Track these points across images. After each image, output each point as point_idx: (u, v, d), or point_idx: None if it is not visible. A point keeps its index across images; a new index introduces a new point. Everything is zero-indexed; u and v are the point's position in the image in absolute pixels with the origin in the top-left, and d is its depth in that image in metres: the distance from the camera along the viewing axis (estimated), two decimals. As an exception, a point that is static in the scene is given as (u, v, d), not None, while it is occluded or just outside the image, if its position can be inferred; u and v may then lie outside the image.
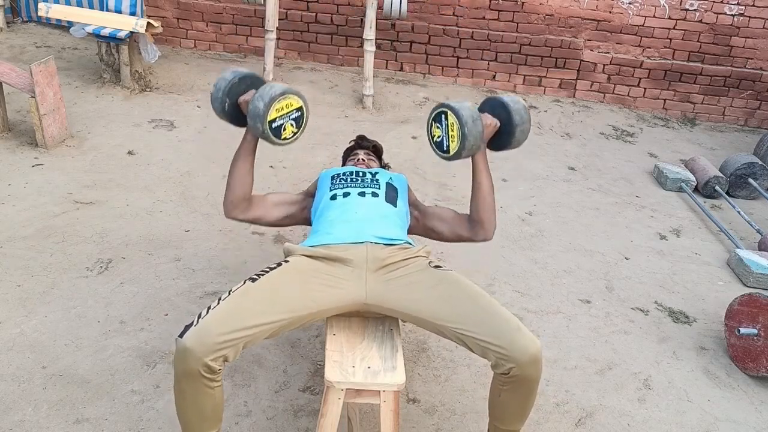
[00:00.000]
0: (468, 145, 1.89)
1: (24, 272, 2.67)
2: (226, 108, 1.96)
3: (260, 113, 1.83)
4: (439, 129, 1.96)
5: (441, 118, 1.94)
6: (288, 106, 1.87)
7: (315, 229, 2.04)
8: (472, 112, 1.90)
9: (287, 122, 1.89)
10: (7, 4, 5.39)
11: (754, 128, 5.47)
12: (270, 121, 1.84)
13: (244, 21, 5.40)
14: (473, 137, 1.89)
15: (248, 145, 2.00)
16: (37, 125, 3.63)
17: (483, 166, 2.03)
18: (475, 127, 1.89)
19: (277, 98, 1.83)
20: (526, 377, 1.65)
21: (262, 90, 1.85)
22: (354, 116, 4.72)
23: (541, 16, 5.27)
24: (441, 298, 1.79)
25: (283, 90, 1.85)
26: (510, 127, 1.98)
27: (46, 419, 2.00)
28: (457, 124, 1.89)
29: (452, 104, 1.91)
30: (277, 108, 1.84)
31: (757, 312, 2.57)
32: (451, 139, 1.93)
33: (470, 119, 1.88)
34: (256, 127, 1.87)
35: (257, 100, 1.83)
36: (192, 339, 1.56)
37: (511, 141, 2.01)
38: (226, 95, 1.94)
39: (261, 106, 1.82)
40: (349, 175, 2.16)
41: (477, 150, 1.97)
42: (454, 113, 1.89)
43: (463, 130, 1.87)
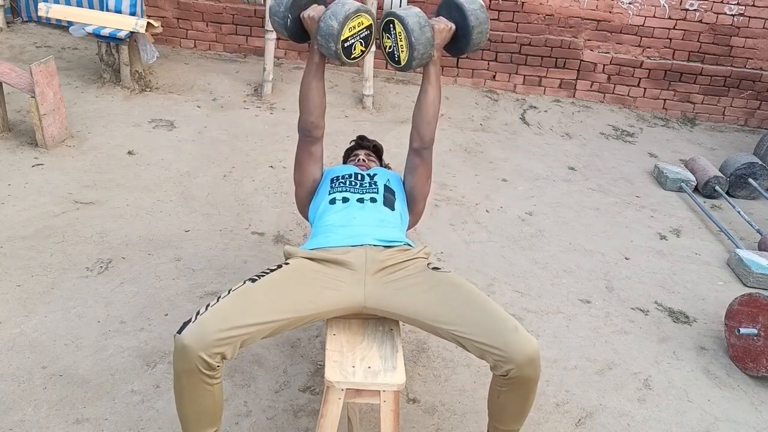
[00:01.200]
0: (417, 54, 1.81)
1: (24, 272, 2.67)
2: (288, 24, 1.89)
3: (334, 32, 1.76)
4: (390, 39, 1.88)
5: (390, 27, 1.86)
6: (359, 25, 1.81)
7: (314, 233, 2.04)
8: (419, 19, 1.81)
9: (357, 41, 1.83)
10: (7, 4, 5.38)
11: (754, 128, 5.47)
12: (343, 40, 1.78)
13: (244, 21, 5.40)
14: (422, 45, 1.81)
15: (318, 66, 1.98)
16: (37, 125, 3.63)
17: (432, 75, 1.98)
18: (423, 34, 1.80)
19: (351, 17, 1.77)
20: (525, 378, 1.65)
21: (334, 7, 1.78)
22: (354, 116, 4.72)
23: (541, 16, 5.27)
24: (439, 301, 1.79)
25: (356, 8, 1.78)
26: (466, 30, 1.90)
27: (46, 419, 2.00)
28: (404, 33, 1.81)
29: (399, 12, 1.82)
30: (350, 27, 1.78)
31: (757, 312, 2.57)
32: (401, 49, 1.85)
33: (417, 27, 1.80)
34: (329, 47, 1.81)
35: (330, 18, 1.77)
36: (190, 335, 1.56)
37: (469, 44, 1.92)
38: (288, 10, 1.86)
39: (335, 24, 1.75)
40: (348, 178, 2.16)
41: (429, 58, 1.89)
42: (400, 22, 1.81)
43: (410, 39, 1.80)
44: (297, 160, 2.20)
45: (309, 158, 2.17)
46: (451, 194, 3.76)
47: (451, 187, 3.84)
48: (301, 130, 2.13)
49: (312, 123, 2.09)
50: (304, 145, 2.16)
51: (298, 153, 2.19)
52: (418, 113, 2.06)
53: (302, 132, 2.13)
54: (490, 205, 3.70)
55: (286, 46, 5.47)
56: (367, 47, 1.87)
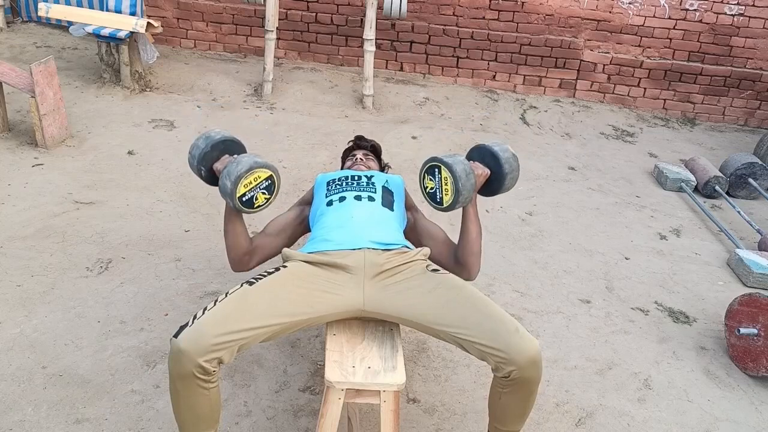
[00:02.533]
0: (462, 199, 1.92)
1: (24, 272, 2.67)
2: (203, 174, 2.01)
3: (228, 191, 1.86)
4: (432, 181, 1.98)
5: (434, 171, 1.97)
6: (256, 179, 1.89)
7: (313, 236, 2.04)
8: (465, 167, 1.92)
9: (258, 193, 1.91)
10: (7, 4, 5.39)
11: (754, 128, 5.47)
12: (239, 197, 1.88)
13: (244, 21, 5.40)
14: (467, 191, 1.92)
15: (231, 211, 2.01)
16: (37, 125, 3.63)
17: (473, 214, 2.05)
18: (468, 181, 1.91)
19: (244, 175, 1.85)
20: (526, 379, 1.65)
21: (229, 166, 1.87)
22: (354, 116, 4.72)
23: (541, 16, 5.27)
24: (438, 303, 1.78)
25: (249, 166, 1.86)
26: (500, 176, 2.01)
27: (46, 419, 2.00)
28: (451, 179, 1.91)
29: (446, 159, 1.92)
30: (245, 184, 1.87)
31: (757, 312, 2.57)
32: (444, 192, 1.95)
33: (464, 174, 1.90)
34: (228, 203, 1.92)
35: (224, 177, 1.87)
36: (186, 340, 1.55)
37: (501, 188, 2.04)
38: (201, 164, 1.98)
39: (228, 185, 1.85)
40: (345, 179, 2.16)
41: (470, 201, 2.00)
42: (448, 169, 1.91)
43: (457, 186, 1.90)
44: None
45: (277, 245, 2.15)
46: (451, 194, 3.76)
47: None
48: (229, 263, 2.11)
49: (233, 260, 2.08)
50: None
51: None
52: (464, 251, 2.06)
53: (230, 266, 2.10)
54: (490, 205, 3.70)
55: (286, 46, 5.47)
56: (272, 194, 1.96)
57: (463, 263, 2.08)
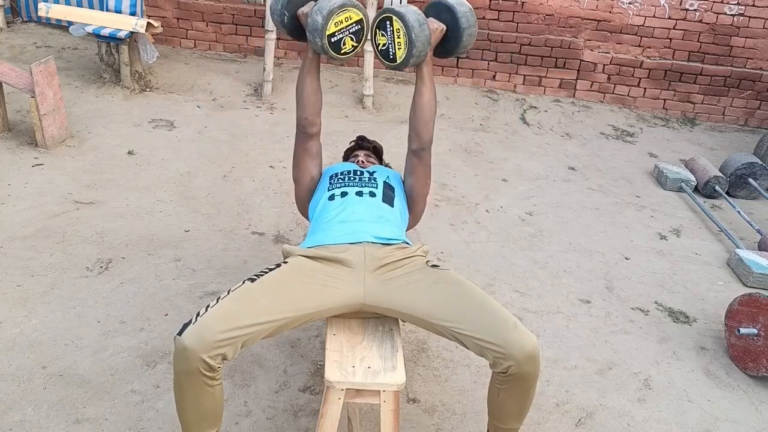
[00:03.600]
0: (416, 51, 1.82)
1: (24, 272, 2.67)
2: (286, 21, 1.92)
3: (319, 27, 1.77)
4: (385, 36, 1.87)
5: (386, 24, 1.86)
6: (347, 20, 1.81)
7: (313, 230, 2.04)
8: (418, 17, 1.82)
9: (346, 36, 1.83)
10: (7, 4, 5.38)
11: (754, 128, 5.47)
12: (329, 35, 1.79)
13: (244, 21, 5.40)
14: (421, 43, 1.82)
15: (311, 62, 1.97)
16: (37, 125, 3.63)
17: (427, 75, 1.98)
18: (422, 32, 1.81)
19: (336, 11, 1.77)
20: (524, 375, 1.65)
21: (320, 2, 1.79)
22: (354, 116, 4.72)
23: (541, 16, 5.27)
24: (438, 298, 1.79)
25: (342, 2, 1.78)
26: (457, 31, 1.91)
27: (46, 419, 2.00)
28: (403, 29, 1.81)
29: (398, 9, 1.83)
30: (336, 21, 1.78)
31: (757, 312, 2.57)
32: (397, 46, 1.85)
33: (417, 24, 1.80)
34: (315, 42, 1.82)
35: (315, 13, 1.78)
36: (191, 337, 1.56)
37: (458, 46, 1.93)
38: (285, 7, 1.89)
39: (319, 20, 1.77)
40: (347, 174, 2.16)
41: (424, 57, 1.90)
42: (400, 18, 1.81)
43: (410, 36, 1.80)
44: (295, 157, 2.21)
45: (305, 154, 2.18)
46: (451, 194, 3.76)
47: (451, 187, 3.84)
48: (297, 125, 2.14)
49: (306, 119, 2.09)
50: (301, 141, 2.16)
51: (295, 150, 2.19)
52: (415, 114, 2.06)
53: (298, 128, 2.14)
54: (490, 205, 3.70)
55: (286, 46, 5.47)
56: (358, 42, 1.88)
57: (413, 129, 2.05)
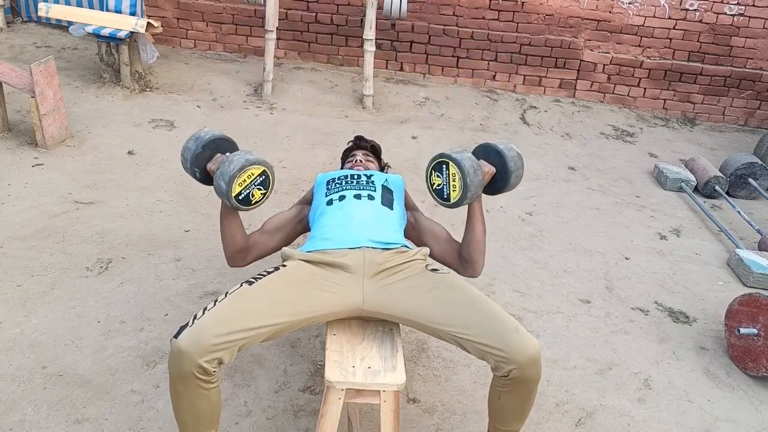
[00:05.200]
0: (470, 194, 1.93)
1: (24, 272, 2.67)
2: (198, 176, 2.01)
3: (224, 192, 1.87)
4: (440, 178, 2.00)
5: (442, 168, 1.98)
6: (250, 176, 1.90)
7: (312, 235, 2.04)
8: (473, 163, 1.94)
9: (253, 189, 1.92)
10: (7, 4, 5.39)
11: (754, 128, 5.47)
12: (236, 195, 1.88)
13: (244, 21, 5.40)
14: (475, 187, 1.93)
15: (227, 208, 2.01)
16: (37, 125, 3.63)
17: (478, 212, 2.05)
18: (476, 177, 1.93)
19: (237, 174, 1.86)
20: (526, 378, 1.65)
21: (221, 167, 1.87)
22: (354, 116, 4.72)
23: (541, 16, 5.27)
24: (438, 302, 1.78)
25: (241, 165, 1.86)
26: (506, 174, 2.03)
27: (46, 419, 2.00)
28: (459, 174, 1.92)
29: (453, 155, 1.94)
30: (239, 182, 1.87)
31: (757, 312, 2.57)
32: (452, 188, 1.97)
33: (472, 170, 1.92)
34: (225, 202, 1.92)
35: (218, 178, 1.87)
36: (187, 340, 1.55)
37: (506, 186, 2.05)
38: (194, 165, 1.98)
39: (223, 185, 1.86)
40: (344, 178, 2.16)
41: (477, 198, 2.01)
42: (456, 164, 1.93)
43: (465, 181, 1.91)
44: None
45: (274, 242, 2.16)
46: (451, 194, 3.76)
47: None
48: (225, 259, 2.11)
49: (230, 258, 2.08)
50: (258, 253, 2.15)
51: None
52: (470, 247, 2.06)
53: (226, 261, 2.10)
54: (490, 205, 3.70)
55: (286, 47, 5.47)
56: (267, 188, 1.96)
57: (469, 260, 2.08)
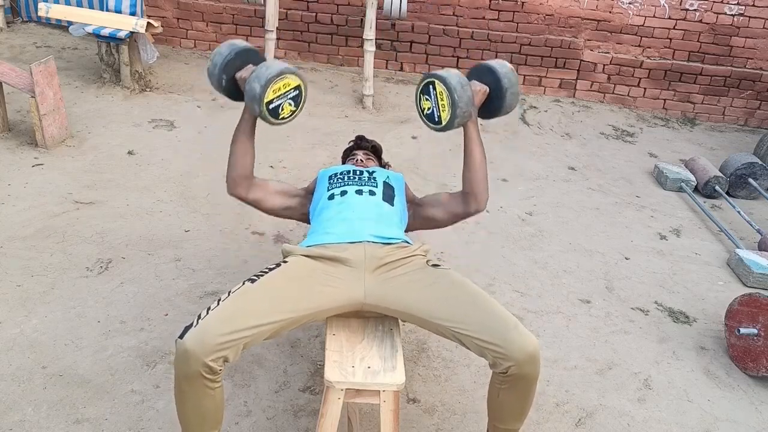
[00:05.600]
0: (459, 112, 1.85)
1: (24, 272, 2.67)
2: (223, 84, 1.94)
3: (257, 95, 1.79)
4: (429, 101, 1.92)
5: (429, 89, 1.91)
6: (285, 86, 1.84)
7: (313, 229, 2.04)
8: (460, 79, 1.86)
9: (285, 102, 1.86)
10: (7, 4, 5.39)
11: (754, 128, 5.47)
12: (267, 102, 1.81)
13: (244, 21, 5.40)
14: (464, 103, 1.85)
15: (247, 123, 1.99)
16: (37, 125, 3.63)
17: (475, 134, 2.00)
18: (464, 93, 1.85)
19: (274, 79, 1.79)
20: (524, 376, 1.65)
21: (258, 70, 1.81)
22: (354, 116, 4.72)
23: (541, 16, 5.27)
24: (438, 297, 1.79)
25: (279, 70, 1.81)
26: (500, 91, 1.95)
27: (46, 419, 2.00)
28: (446, 92, 1.85)
29: (440, 73, 1.87)
30: (274, 89, 1.81)
31: (757, 312, 2.57)
32: (441, 108, 1.89)
33: (459, 86, 1.84)
34: (254, 108, 1.85)
35: (253, 80, 1.80)
36: (192, 340, 1.56)
37: (503, 106, 1.97)
38: (223, 71, 1.91)
39: (257, 87, 1.79)
40: (347, 174, 2.16)
41: (468, 117, 1.93)
42: (442, 82, 1.85)
43: (452, 98, 1.84)
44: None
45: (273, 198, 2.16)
46: (451, 194, 3.76)
47: (451, 187, 3.83)
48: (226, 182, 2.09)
49: (233, 179, 2.06)
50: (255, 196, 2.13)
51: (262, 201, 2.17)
52: (470, 175, 2.04)
53: (226, 185, 2.09)
54: (490, 205, 3.68)
55: (286, 47, 5.47)
56: (297, 106, 1.90)
57: (470, 192, 2.05)
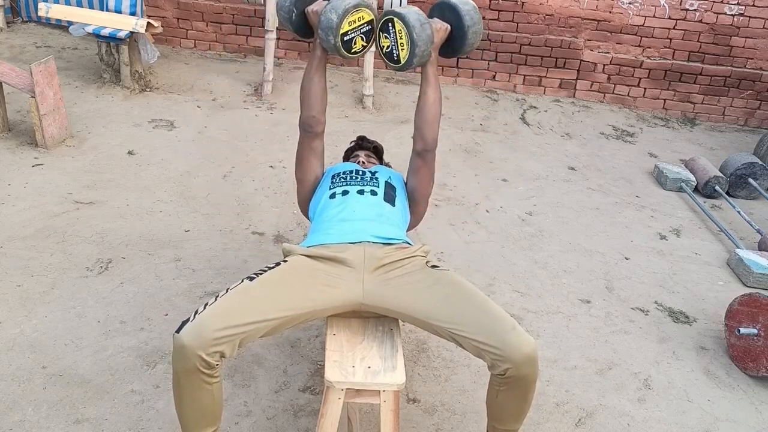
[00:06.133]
0: (418, 51, 1.83)
1: (24, 272, 2.67)
2: (293, 18, 1.92)
3: (333, 26, 1.78)
4: (388, 38, 1.89)
5: (388, 26, 1.87)
6: (360, 20, 1.82)
7: (313, 229, 2.04)
8: (419, 17, 1.83)
9: (357, 36, 1.85)
10: (7, 4, 5.38)
11: (754, 128, 5.47)
12: (342, 34, 1.80)
13: (244, 21, 5.40)
14: (423, 42, 1.83)
15: (320, 60, 1.99)
16: (37, 125, 3.63)
17: (432, 76, 1.99)
18: (423, 31, 1.82)
19: (351, 11, 1.78)
20: (522, 377, 1.65)
21: (334, 1, 1.80)
22: (354, 116, 4.72)
23: (541, 16, 5.27)
24: (436, 298, 1.79)
25: (357, 2, 1.80)
26: (461, 29, 1.92)
27: (46, 419, 2.00)
28: (405, 30, 1.82)
29: (399, 10, 1.84)
30: (350, 21, 1.80)
31: (757, 312, 2.57)
32: (400, 47, 1.86)
33: (418, 24, 1.81)
34: (328, 40, 1.83)
35: (330, 11, 1.78)
36: (188, 334, 1.56)
37: (464, 44, 1.94)
38: (294, 4, 1.89)
39: (334, 18, 1.78)
40: (349, 173, 2.16)
41: (428, 56, 1.91)
42: (401, 19, 1.82)
43: (412, 36, 1.81)
44: (298, 156, 2.20)
45: (310, 154, 2.18)
46: (451, 194, 3.76)
47: (451, 187, 3.84)
48: (302, 125, 2.14)
49: (313, 117, 2.09)
50: (305, 140, 2.16)
51: (299, 149, 2.19)
52: (420, 116, 2.06)
53: (303, 127, 2.14)
54: (490, 205, 3.70)
55: (286, 46, 5.47)
56: (368, 42, 1.89)
57: (418, 130, 2.06)
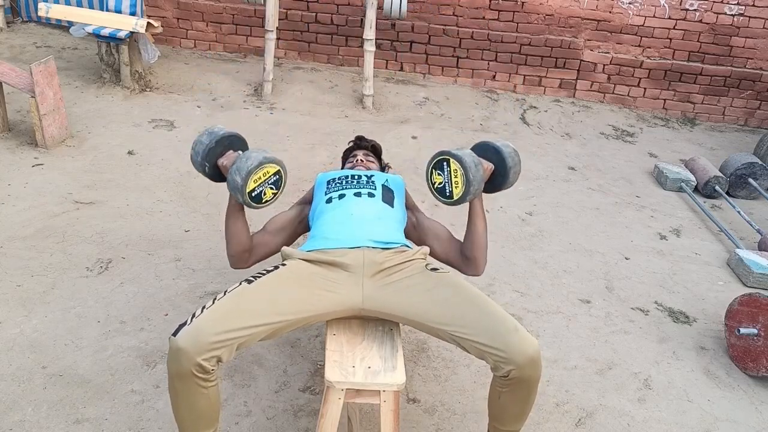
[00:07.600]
0: (473, 189, 1.95)
1: (24, 272, 2.67)
2: (207, 170, 2.02)
3: (239, 186, 1.87)
4: (441, 176, 2.01)
5: (443, 165, 2.00)
6: (265, 174, 1.91)
7: (312, 234, 2.04)
8: (474, 159, 1.96)
9: (266, 188, 1.94)
10: (7, 4, 5.39)
11: (754, 128, 5.47)
12: (249, 192, 1.89)
13: (244, 21, 5.40)
14: (477, 182, 1.95)
15: (234, 207, 2.02)
16: (37, 125, 3.63)
17: (479, 209, 2.07)
18: (478, 172, 1.95)
19: (254, 171, 1.87)
20: (526, 379, 1.65)
21: (238, 162, 1.89)
22: (354, 116, 4.72)
23: (541, 16, 5.27)
24: (437, 301, 1.78)
25: (258, 161, 1.88)
26: (504, 170, 2.05)
27: (46, 419, 2.00)
28: (461, 171, 1.95)
29: (454, 152, 1.97)
30: (255, 179, 1.88)
31: (757, 312, 2.57)
32: (454, 185, 1.98)
33: (473, 165, 1.94)
34: (237, 197, 1.93)
35: (234, 173, 1.88)
36: (185, 338, 1.55)
37: (505, 182, 2.07)
38: (205, 159, 1.99)
39: (239, 180, 1.87)
40: (345, 178, 2.16)
41: (478, 194, 2.02)
42: (457, 161, 1.95)
43: (467, 177, 1.93)
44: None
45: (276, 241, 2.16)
46: (451, 194, 3.76)
47: (451, 187, 3.83)
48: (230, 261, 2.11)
49: (233, 257, 2.08)
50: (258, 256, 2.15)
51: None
52: (472, 245, 2.08)
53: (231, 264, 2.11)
54: (490, 205, 3.70)
55: (286, 47, 5.47)
56: (278, 189, 1.98)
57: (471, 258, 2.09)
